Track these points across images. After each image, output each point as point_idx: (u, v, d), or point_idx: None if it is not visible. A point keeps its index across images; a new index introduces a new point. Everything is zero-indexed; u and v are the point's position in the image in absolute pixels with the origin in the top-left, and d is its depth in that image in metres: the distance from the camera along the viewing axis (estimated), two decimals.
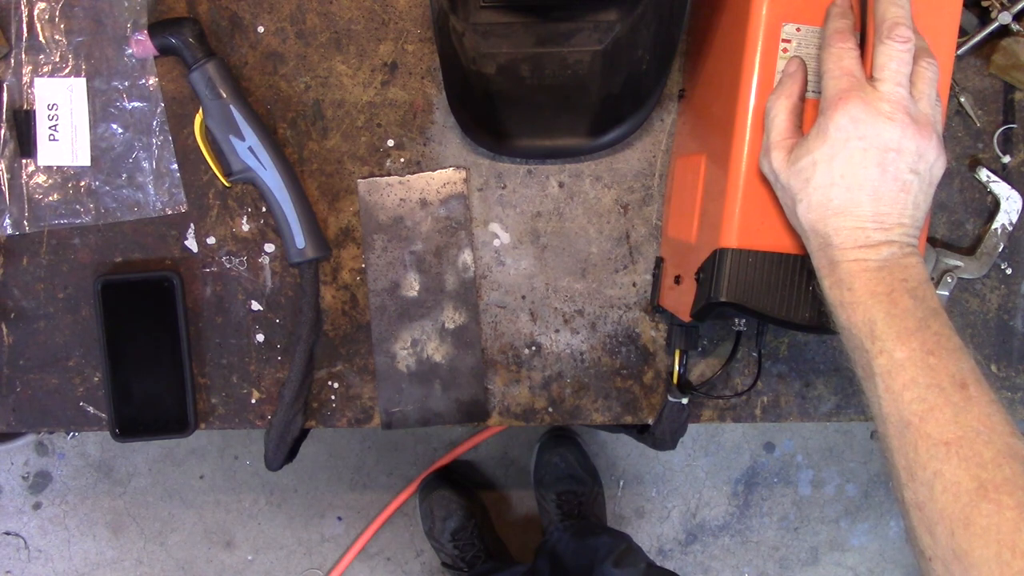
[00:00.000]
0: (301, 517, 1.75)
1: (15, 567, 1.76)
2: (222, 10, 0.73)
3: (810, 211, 0.52)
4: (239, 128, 0.68)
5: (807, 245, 0.54)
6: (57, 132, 0.74)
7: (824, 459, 1.80)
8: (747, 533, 1.81)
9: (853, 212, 0.50)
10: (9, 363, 0.77)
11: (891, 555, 1.82)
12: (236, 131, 0.68)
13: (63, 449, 1.74)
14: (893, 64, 0.50)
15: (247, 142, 0.68)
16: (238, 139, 0.68)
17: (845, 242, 0.51)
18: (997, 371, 0.79)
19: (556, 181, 0.76)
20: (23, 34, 0.73)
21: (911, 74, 0.51)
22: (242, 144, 0.69)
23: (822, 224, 0.51)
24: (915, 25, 0.51)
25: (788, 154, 0.53)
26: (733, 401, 0.79)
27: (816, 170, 0.51)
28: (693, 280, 0.61)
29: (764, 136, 0.55)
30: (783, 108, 0.54)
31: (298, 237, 0.70)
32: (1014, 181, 0.76)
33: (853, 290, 0.50)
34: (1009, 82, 0.75)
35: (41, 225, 0.75)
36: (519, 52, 0.71)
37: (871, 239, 0.50)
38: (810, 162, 0.51)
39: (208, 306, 0.76)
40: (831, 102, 0.51)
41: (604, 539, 1.33)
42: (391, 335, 0.77)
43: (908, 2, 0.51)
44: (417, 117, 0.75)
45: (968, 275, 0.76)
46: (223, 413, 0.78)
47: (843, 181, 0.50)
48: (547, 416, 0.79)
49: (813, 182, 0.51)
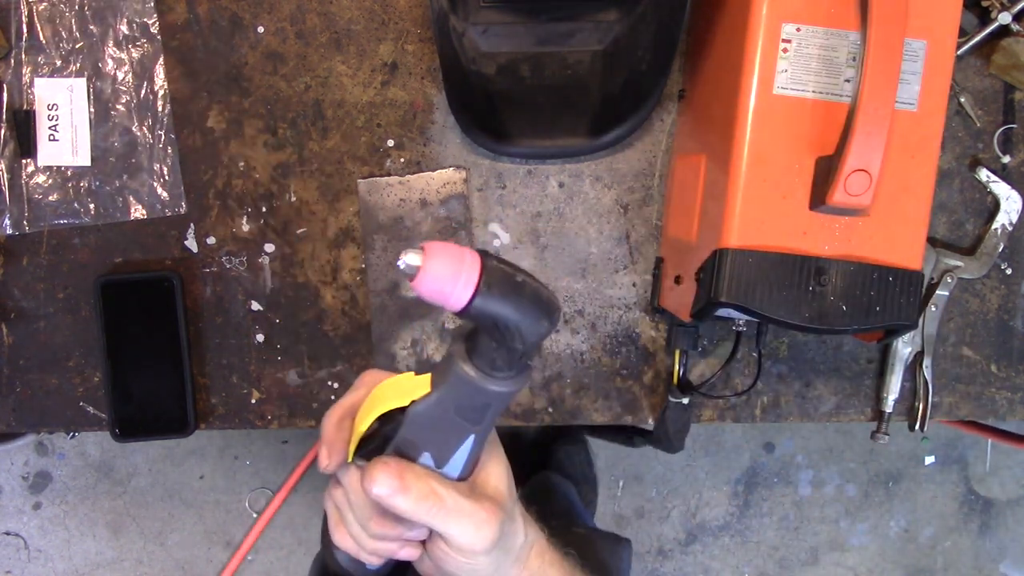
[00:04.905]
0: (301, 517, 1.75)
1: (15, 567, 1.76)
2: (222, 10, 0.73)
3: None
4: (447, 455, 0.45)
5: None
6: (57, 132, 0.74)
7: (824, 459, 1.80)
8: (747, 533, 1.80)
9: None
10: (9, 363, 0.77)
11: (891, 555, 1.82)
12: (441, 454, 0.45)
13: (63, 449, 1.74)
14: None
15: (431, 464, 0.46)
16: (427, 458, 0.46)
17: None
18: (997, 371, 0.79)
19: (556, 181, 0.76)
20: (23, 34, 0.73)
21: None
22: (427, 459, 0.46)
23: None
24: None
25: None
26: (733, 401, 0.79)
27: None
28: (693, 280, 0.61)
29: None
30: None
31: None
32: (1014, 181, 0.76)
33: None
34: (1009, 82, 0.75)
35: (41, 225, 0.75)
36: (519, 52, 0.71)
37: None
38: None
39: (208, 306, 0.76)
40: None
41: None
42: (391, 335, 0.77)
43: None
44: (417, 117, 0.75)
45: (968, 275, 0.76)
46: (223, 413, 0.78)
47: None
48: (547, 416, 0.79)
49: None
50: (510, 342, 0.39)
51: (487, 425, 0.44)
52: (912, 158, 0.57)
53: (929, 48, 0.56)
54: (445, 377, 0.42)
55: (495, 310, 0.38)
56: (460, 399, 0.42)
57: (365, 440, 0.46)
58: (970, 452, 1.80)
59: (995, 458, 1.81)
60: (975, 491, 1.82)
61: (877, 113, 0.52)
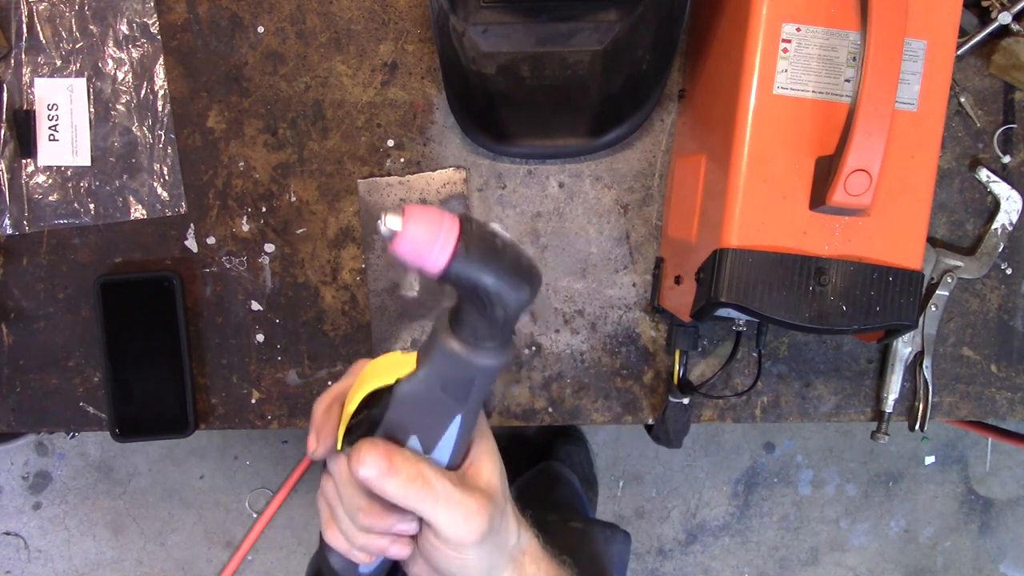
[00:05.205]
0: (301, 517, 1.75)
1: (15, 567, 1.76)
2: (222, 10, 0.73)
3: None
4: (435, 439, 0.45)
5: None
6: (57, 132, 0.74)
7: (824, 459, 1.80)
8: (747, 533, 1.80)
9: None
10: (9, 363, 0.77)
11: (891, 555, 1.82)
12: (429, 438, 0.45)
13: (63, 449, 1.74)
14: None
15: (419, 449, 0.46)
16: (415, 442, 0.46)
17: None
18: (997, 371, 0.79)
19: (556, 181, 0.76)
20: (23, 34, 0.73)
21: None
22: (415, 444, 0.46)
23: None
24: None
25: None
26: (733, 401, 0.79)
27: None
28: (693, 280, 0.61)
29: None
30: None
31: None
32: (1014, 181, 0.76)
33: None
34: (1009, 82, 0.75)
35: (41, 225, 0.75)
36: (519, 52, 0.71)
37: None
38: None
39: (208, 306, 0.76)
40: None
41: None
42: (391, 335, 0.77)
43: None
44: (417, 117, 0.75)
45: (968, 275, 0.76)
46: (223, 413, 0.78)
47: None
48: (547, 416, 0.79)
49: None
50: (491, 309, 0.39)
51: (473, 405, 0.44)
52: (912, 158, 0.57)
53: (929, 48, 0.56)
54: (430, 353, 0.42)
55: (474, 274, 0.38)
56: (445, 374, 0.42)
57: (353, 426, 0.46)
58: (970, 452, 1.80)
59: (995, 458, 1.81)
60: (975, 491, 1.82)
61: (877, 113, 0.52)
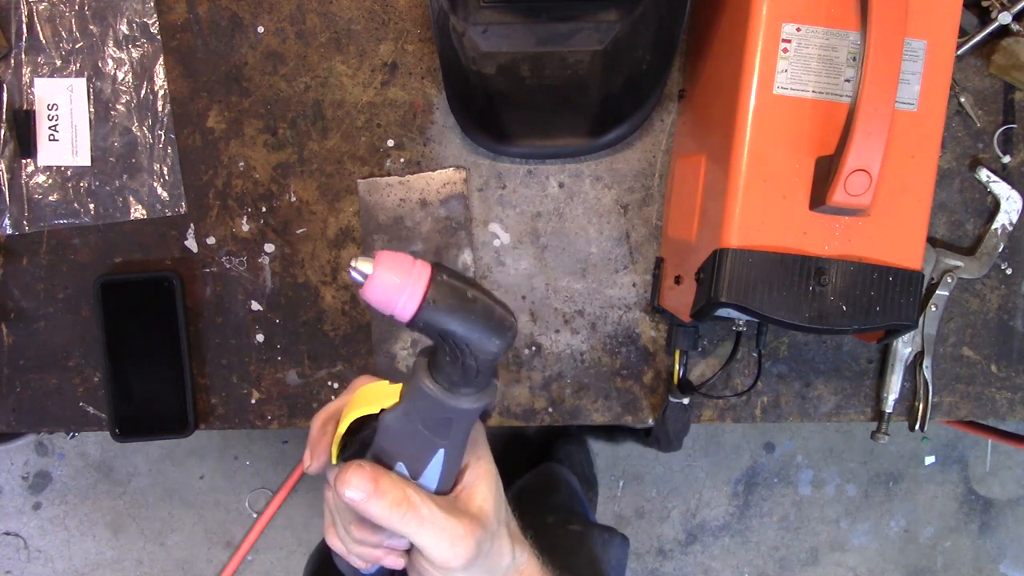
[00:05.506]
0: (301, 517, 1.75)
1: (15, 567, 1.76)
2: (222, 10, 0.73)
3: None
4: (420, 467, 0.45)
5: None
6: (57, 132, 0.74)
7: (824, 459, 1.80)
8: (747, 533, 1.80)
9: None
10: (9, 363, 0.77)
11: (891, 555, 1.82)
12: (414, 466, 0.45)
13: (63, 449, 1.74)
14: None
15: (406, 474, 0.46)
16: (402, 467, 0.45)
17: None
18: (997, 371, 0.79)
19: (556, 181, 0.76)
20: (23, 34, 0.73)
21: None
22: (402, 469, 0.45)
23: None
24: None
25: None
26: (733, 401, 0.79)
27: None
28: (693, 280, 0.61)
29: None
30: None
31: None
32: (1014, 181, 0.76)
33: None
34: (1009, 82, 0.75)
35: (41, 225, 0.75)
36: (519, 52, 0.71)
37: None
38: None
39: (208, 306, 0.76)
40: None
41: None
42: (391, 335, 0.77)
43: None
44: (417, 117, 0.75)
45: (968, 275, 0.76)
46: (223, 413, 0.78)
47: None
48: (547, 416, 0.79)
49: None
50: (462, 357, 0.39)
51: (456, 441, 0.44)
52: (912, 158, 0.57)
53: (929, 48, 0.56)
54: (410, 391, 0.43)
55: (442, 324, 0.38)
56: (424, 413, 0.42)
57: (346, 445, 0.46)
58: (970, 452, 1.80)
59: (995, 458, 1.81)
60: (975, 491, 1.82)
61: (877, 113, 0.52)
